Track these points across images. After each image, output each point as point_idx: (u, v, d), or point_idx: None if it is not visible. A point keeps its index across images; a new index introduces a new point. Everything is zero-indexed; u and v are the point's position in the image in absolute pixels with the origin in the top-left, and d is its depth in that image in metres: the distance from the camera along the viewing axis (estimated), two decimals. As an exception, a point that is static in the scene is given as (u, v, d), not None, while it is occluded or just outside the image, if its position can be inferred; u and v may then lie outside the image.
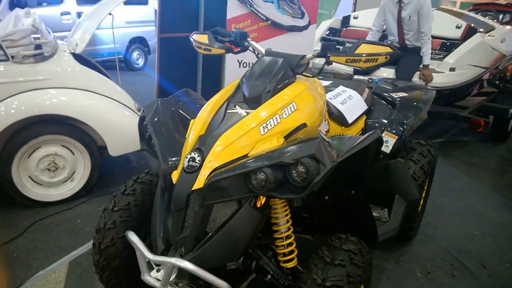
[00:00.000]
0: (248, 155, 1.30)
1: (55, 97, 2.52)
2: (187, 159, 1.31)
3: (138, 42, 7.31)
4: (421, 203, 2.59)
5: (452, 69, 3.78)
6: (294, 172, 1.19)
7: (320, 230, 1.77)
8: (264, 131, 1.35)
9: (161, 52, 4.19)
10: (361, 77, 2.87)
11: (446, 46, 4.14)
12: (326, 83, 2.36)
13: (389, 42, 3.90)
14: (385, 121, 2.19)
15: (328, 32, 4.94)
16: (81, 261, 2.11)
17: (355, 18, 5.06)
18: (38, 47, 2.56)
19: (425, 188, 2.60)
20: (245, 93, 1.50)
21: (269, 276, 1.50)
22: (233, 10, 3.52)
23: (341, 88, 2.23)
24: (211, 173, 1.26)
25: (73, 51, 2.71)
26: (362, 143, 1.34)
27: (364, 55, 1.45)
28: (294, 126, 1.42)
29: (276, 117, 1.39)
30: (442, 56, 3.99)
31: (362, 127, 2.18)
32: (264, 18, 3.61)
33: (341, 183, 1.60)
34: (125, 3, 7.13)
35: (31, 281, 1.96)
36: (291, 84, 1.55)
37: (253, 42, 1.78)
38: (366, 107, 2.21)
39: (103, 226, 1.60)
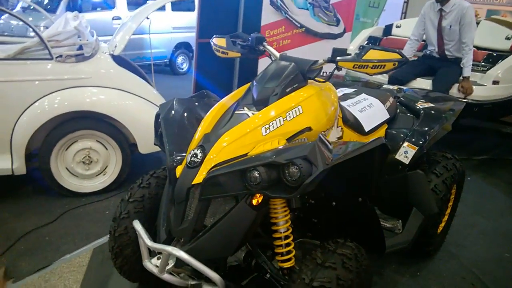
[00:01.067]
0: (248, 154, 1.35)
1: (93, 95, 2.71)
2: (190, 155, 1.38)
3: (184, 47, 7.62)
4: (445, 218, 2.48)
5: (495, 82, 3.58)
6: (287, 172, 1.22)
7: (328, 236, 1.76)
8: (266, 132, 1.39)
9: (199, 56, 4.34)
10: (391, 87, 2.80)
11: (492, 57, 3.93)
12: (349, 90, 2.34)
13: (428, 52, 3.78)
14: (407, 131, 2.13)
15: (368, 41, 4.87)
16: (104, 249, 2.24)
17: (398, 27, 4.94)
18: (81, 48, 2.78)
19: (450, 203, 2.49)
20: (254, 96, 1.55)
21: (267, 275, 1.52)
22: (268, 16, 3.59)
23: (363, 96, 2.21)
24: (211, 169, 1.32)
25: (112, 52, 2.90)
26: (361, 148, 1.34)
27: (372, 61, 1.44)
28: (298, 129, 1.44)
29: (279, 119, 1.42)
30: (486, 69, 3.79)
31: (383, 135, 2.14)
32: (299, 25, 3.64)
33: (347, 190, 1.60)
34: (173, 9, 7.49)
35: (57, 263, 2.11)
36: (301, 88, 1.57)
37: (268, 47, 1.83)
38: (388, 116, 2.17)
39: (119, 215, 1.71)
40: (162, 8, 7.39)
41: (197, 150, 1.38)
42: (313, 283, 1.21)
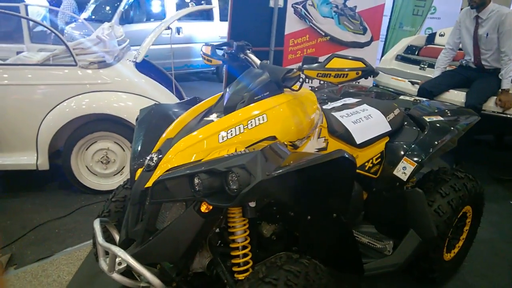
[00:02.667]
0: (202, 161, 1.34)
1: (112, 100, 2.87)
2: (148, 158, 1.41)
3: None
4: (459, 244, 2.26)
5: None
6: (227, 180, 1.20)
7: (306, 251, 1.69)
8: (222, 140, 1.37)
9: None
10: (407, 98, 2.63)
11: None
12: (352, 100, 2.24)
13: (464, 62, 3.49)
14: (408, 145, 1.99)
15: (407, 50, 4.61)
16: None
17: (442, 35, 4.63)
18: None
19: (466, 228, 2.27)
20: (224, 102, 1.55)
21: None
22: (292, 25, 3.57)
23: (362, 106, 2.10)
24: (164, 173, 1.33)
25: (135, 60, 3.06)
26: (315, 160, 1.27)
27: (334, 69, 1.37)
28: (259, 138, 1.41)
29: (239, 127, 1.40)
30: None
31: (381, 149, 2.02)
32: (323, 34, 3.57)
33: (319, 204, 1.53)
34: (221, 20, 7.69)
35: (58, 255, 2.26)
36: (272, 97, 1.54)
37: (251, 55, 1.81)
38: (389, 129, 2.04)
39: (100, 214, 1.79)
40: (210, 18, 7.65)
41: (154, 154, 1.41)
42: None
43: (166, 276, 1.56)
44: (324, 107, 2.16)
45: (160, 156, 1.39)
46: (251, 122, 1.43)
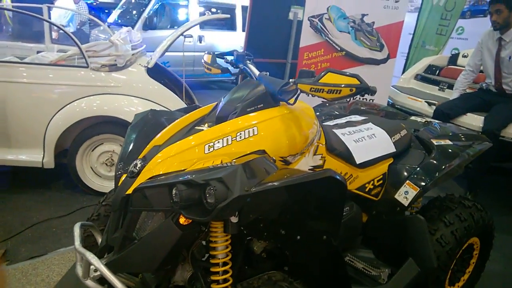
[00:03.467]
0: (185, 171, 1.30)
1: (120, 103, 2.89)
2: (132, 165, 1.38)
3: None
4: (465, 277, 2.13)
5: None
6: (206, 194, 1.15)
7: (294, 272, 1.62)
8: (208, 150, 1.33)
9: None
10: (419, 119, 2.52)
11: None
12: (358, 118, 2.16)
13: (484, 85, 3.35)
14: (411, 168, 1.89)
15: (427, 70, 4.48)
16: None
17: (465, 56, 4.48)
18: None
19: (473, 260, 2.13)
20: (217, 112, 1.51)
21: None
22: (307, 38, 3.52)
23: (367, 125, 2.02)
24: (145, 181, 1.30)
25: (147, 65, 3.08)
26: (300, 179, 1.22)
27: (328, 85, 1.31)
28: (247, 151, 1.36)
29: (227, 139, 1.36)
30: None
31: (384, 171, 1.93)
32: (339, 49, 3.51)
33: (308, 224, 1.46)
34: (243, 30, 7.74)
35: (51, 254, 2.25)
36: (265, 110, 1.49)
37: (250, 65, 1.77)
38: (394, 150, 1.95)
39: (90, 217, 1.77)
40: (233, 28, 7.72)
41: (139, 161, 1.38)
42: None
43: (146, 286, 1.52)
44: (327, 123, 2.09)
45: (144, 163, 1.36)
46: (240, 134, 1.38)
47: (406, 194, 1.83)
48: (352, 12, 3.43)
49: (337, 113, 2.43)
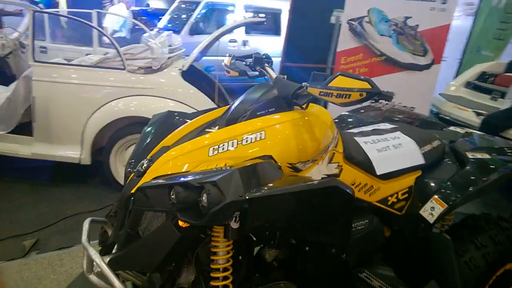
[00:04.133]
0: (188, 172, 1.29)
1: (155, 105, 2.97)
2: (140, 164, 1.39)
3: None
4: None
5: None
6: (201, 197, 1.13)
7: (304, 282, 1.57)
8: (213, 153, 1.31)
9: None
10: (458, 129, 2.32)
11: None
12: (387, 126, 2.04)
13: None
14: (441, 183, 1.74)
15: (479, 76, 4.15)
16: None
17: (525, 63, 4.11)
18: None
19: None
20: (228, 115, 1.49)
21: None
22: (345, 42, 3.41)
23: (395, 134, 1.89)
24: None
25: (181, 68, 3.14)
26: (299, 187, 1.16)
27: (337, 88, 1.23)
28: (253, 156, 1.32)
29: (233, 142, 1.33)
30: None
31: (410, 184, 1.80)
32: (379, 53, 3.36)
33: (316, 235, 1.40)
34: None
35: (77, 247, 2.35)
36: (276, 114, 1.45)
37: (268, 69, 1.73)
38: (422, 162, 1.81)
39: (108, 213, 1.82)
40: (278, 33, 7.70)
41: (146, 161, 1.39)
42: None
43: (152, 285, 1.53)
44: (351, 130, 2.00)
45: (151, 163, 1.37)
46: (246, 138, 1.35)
47: (432, 210, 1.68)
48: (394, 15, 3.27)
49: (365, 119, 2.31)
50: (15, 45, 3.78)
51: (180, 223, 1.26)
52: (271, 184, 1.18)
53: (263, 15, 7.84)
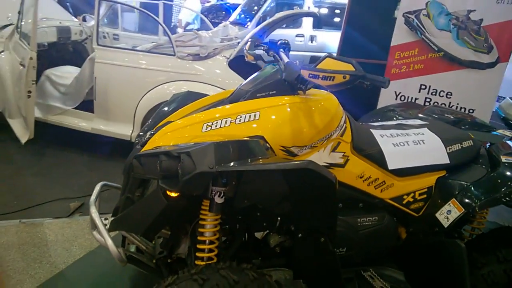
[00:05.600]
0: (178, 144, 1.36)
1: (198, 89, 3.08)
2: (145, 135, 1.50)
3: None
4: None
5: None
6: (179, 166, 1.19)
7: (297, 270, 1.57)
8: (206, 129, 1.37)
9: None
10: (507, 132, 2.06)
11: None
12: (416, 122, 1.91)
13: None
14: (463, 185, 1.59)
15: None
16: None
17: None
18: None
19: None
20: (231, 96, 1.54)
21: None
22: (400, 36, 3.22)
23: (420, 130, 1.77)
24: None
25: (228, 57, 3.24)
26: (270, 165, 1.16)
27: (324, 70, 1.20)
28: (244, 135, 1.35)
29: (226, 120, 1.37)
30: None
31: (430, 184, 1.68)
32: (436, 49, 3.11)
33: (304, 219, 1.40)
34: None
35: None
36: (275, 97, 1.45)
37: (282, 54, 1.71)
38: (446, 162, 1.68)
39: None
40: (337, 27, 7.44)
41: (149, 132, 1.49)
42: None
43: (152, 252, 1.64)
44: (376, 123, 1.91)
45: (153, 135, 1.46)
46: (240, 117, 1.37)
47: (448, 213, 1.55)
48: (456, 8, 3.00)
49: (399, 113, 2.18)
50: (91, 31, 4.21)
51: (168, 192, 1.34)
52: (251, 161, 1.20)
53: (338, 11, 7.67)
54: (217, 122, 1.37)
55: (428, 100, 3.21)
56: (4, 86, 3.13)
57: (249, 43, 1.90)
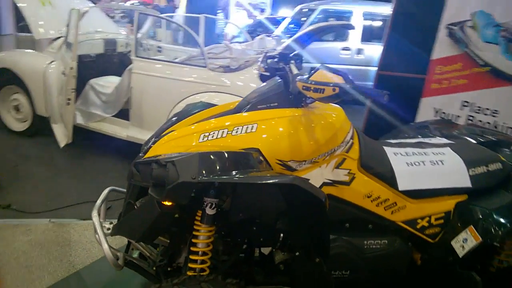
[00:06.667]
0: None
1: (227, 101, 3.13)
2: (148, 143, 1.53)
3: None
4: None
5: None
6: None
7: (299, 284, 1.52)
8: (203, 139, 1.37)
9: (377, 88, 4.13)
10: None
11: None
12: (441, 141, 1.78)
13: None
14: (485, 212, 1.44)
15: None
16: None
17: None
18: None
19: None
20: (234, 107, 1.53)
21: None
22: (442, 49, 3.04)
23: (441, 150, 1.64)
24: None
25: (259, 70, 3.24)
26: (254, 178, 1.13)
27: (314, 82, 1.14)
28: (239, 147, 1.33)
29: (223, 131, 1.36)
30: None
31: (448, 208, 1.54)
32: (482, 63, 2.88)
33: (300, 238, 1.35)
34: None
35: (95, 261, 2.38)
36: (276, 109, 1.42)
37: (292, 66, 1.67)
38: (468, 186, 1.54)
39: None
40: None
41: (152, 141, 1.52)
42: None
43: (155, 258, 1.66)
44: (393, 141, 1.80)
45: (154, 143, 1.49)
46: (237, 128, 1.36)
47: (464, 242, 1.42)
48: (506, 18, 2.76)
49: (429, 133, 2.04)
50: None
51: (162, 200, 1.35)
52: (239, 174, 1.18)
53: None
54: (213, 133, 1.36)
55: (470, 118, 2.97)
56: (51, 94, 3.38)
57: (264, 54, 1.89)
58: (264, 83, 1.60)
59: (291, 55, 1.71)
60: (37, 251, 2.22)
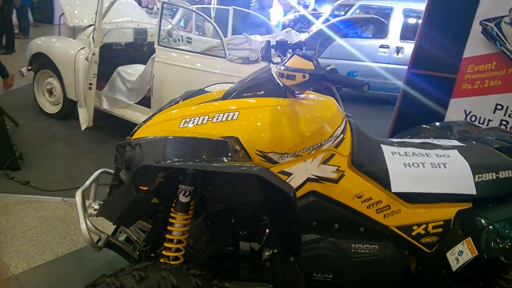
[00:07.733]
0: None
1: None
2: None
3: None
4: None
5: None
6: None
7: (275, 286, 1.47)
8: (183, 125, 1.34)
9: (408, 86, 3.94)
10: None
11: None
12: (451, 143, 1.63)
13: None
14: (488, 223, 1.30)
15: None
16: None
17: None
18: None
19: None
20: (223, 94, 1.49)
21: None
22: (475, 47, 2.82)
23: (447, 152, 1.51)
24: None
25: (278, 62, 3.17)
26: (218, 167, 1.08)
27: (286, 69, 1.07)
28: (218, 135, 1.29)
29: (203, 118, 1.32)
30: None
31: (448, 216, 1.42)
32: (518, 64, 2.63)
33: (271, 232, 1.30)
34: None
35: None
36: (262, 98, 1.36)
37: (288, 56, 1.59)
38: (472, 193, 1.40)
39: None
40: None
41: (139, 124, 1.51)
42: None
43: (137, 243, 1.67)
44: (396, 139, 1.68)
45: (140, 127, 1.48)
46: (218, 116, 1.31)
47: (459, 254, 1.29)
48: (550, 15, 2.51)
49: (447, 134, 1.88)
50: (167, 34, 4.50)
51: (140, 185, 1.33)
52: (209, 161, 1.14)
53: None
54: (194, 119, 1.33)
55: (504, 123, 2.74)
56: (78, 78, 3.51)
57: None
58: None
59: (291, 44, 1.65)
60: (44, 227, 2.31)
